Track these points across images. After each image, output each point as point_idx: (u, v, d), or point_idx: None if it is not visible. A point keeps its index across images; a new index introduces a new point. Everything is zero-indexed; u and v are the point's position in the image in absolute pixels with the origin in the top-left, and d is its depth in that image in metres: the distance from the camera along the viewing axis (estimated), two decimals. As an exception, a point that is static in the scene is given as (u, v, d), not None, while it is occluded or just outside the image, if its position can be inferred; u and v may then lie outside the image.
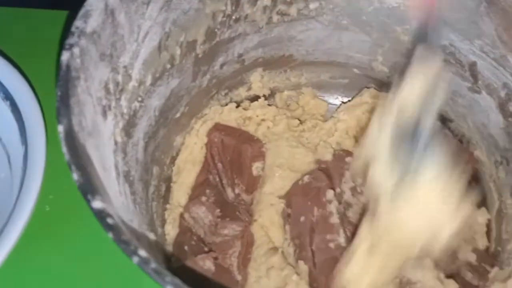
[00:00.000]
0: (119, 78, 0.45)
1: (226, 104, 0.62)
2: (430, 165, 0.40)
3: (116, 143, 0.44)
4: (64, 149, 0.33)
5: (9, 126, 0.57)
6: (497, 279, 0.49)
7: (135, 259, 0.30)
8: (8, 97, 0.58)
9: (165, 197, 0.56)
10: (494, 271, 0.51)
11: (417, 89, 0.40)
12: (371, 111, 0.63)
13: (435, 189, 0.40)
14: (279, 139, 0.61)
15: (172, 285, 0.29)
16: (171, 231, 0.54)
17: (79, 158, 0.33)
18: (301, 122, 0.64)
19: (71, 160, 0.33)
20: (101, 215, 0.31)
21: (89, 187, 0.32)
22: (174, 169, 0.57)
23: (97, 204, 0.31)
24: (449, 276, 0.52)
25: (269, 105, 0.63)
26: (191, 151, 0.58)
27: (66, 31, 0.39)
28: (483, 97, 0.56)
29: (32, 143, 0.55)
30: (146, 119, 0.51)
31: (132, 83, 0.47)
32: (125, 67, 0.45)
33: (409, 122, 0.40)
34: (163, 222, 0.55)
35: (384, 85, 0.64)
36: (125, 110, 0.46)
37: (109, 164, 0.41)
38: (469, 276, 0.52)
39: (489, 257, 0.54)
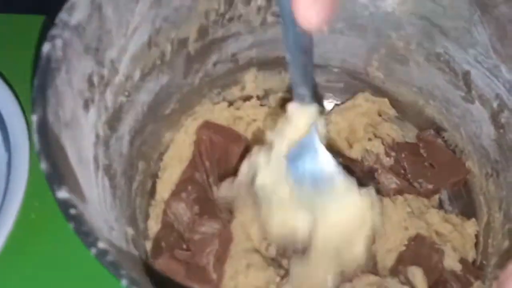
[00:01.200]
0: (105, 71, 0.45)
1: (218, 103, 0.62)
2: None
3: (97, 136, 0.44)
4: (36, 138, 0.33)
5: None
6: (477, 293, 0.48)
7: (93, 251, 0.30)
8: None
9: (151, 193, 0.56)
10: (476, 284, 0.50)
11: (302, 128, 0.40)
12: (364, 114, 0.62)
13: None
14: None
15: (127, 279, 0.29)
16: (154, 227, 0.54)
17: (50, 148, 0.34)
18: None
19: (41, 150, 0.33)
20: (64, 205, 0.31)
21: (56, 177, 0.32)
22: (161, 165, 0.57)
23: (62, 194, 0.32)
24: (434, 284, 0.52)
25: (261, 105, 0.63)
26: (179, 148, 0.58)
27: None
28: (476, 107, 0.55)
29: (16, 149, 0.55)
30: (133, 114, 0.51)
31: (119, 77, 0.47)
32: (111, 61, 0.45)
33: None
34: (147, 218, 0.54)
35: (379, 91, 0.64)
36: (109, 104, 0.46)
37: (88, 156, 0.41)
38: (453, 286, 0.52)
39: (475, 270, 0.54)
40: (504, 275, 0.29)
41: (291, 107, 0.40)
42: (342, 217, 0.39)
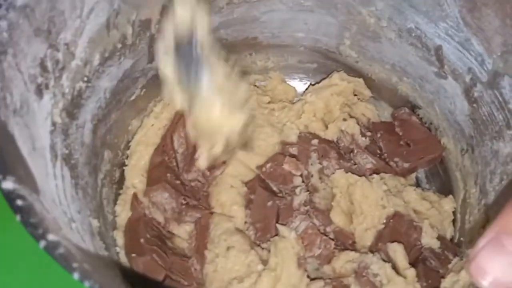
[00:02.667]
0: (59, 55, 0.43)
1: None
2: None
3: (54, 124, 0.42)
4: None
5: None
6: (453, 270, 0.47)
7: (42, 243, 0.28)
8: None
9: (119, 183, 0.54)
10: (454, 261, 0.49)
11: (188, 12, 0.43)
12: (340, 93, 0.61)
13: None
14: None
15: (79, 272, 0.27)
16: (121, 213, 0.52)
17: (-6, 136, 0.31)
18: (272, 101, 0.62)
19: (-16, 138, 0.31)
20: (10, 196, 0.29)
21: (1, 166, 0.30)
22: (127, 152, 0.55)
23: (7, 184, 0.30)
24: (414, 261, 0.51)
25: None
26: (146, 133, 0.56)
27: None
28: (449, 82, 0.54)
29: None
30: (94, 100, 0.49)
31: (76, 62, 0.45)
32: (66, 44, 0.43)
33: (185, 39, 0.43)
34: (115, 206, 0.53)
35: (352, 70, 0.62)
36: (67, 90, 0.44)
37: (43, 145, 0.39)
38: (432, 263, 0.51)
39: (453, 246, 0.53)
40: (473, 252, 0.28)
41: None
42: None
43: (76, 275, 0.28)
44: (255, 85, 0.64)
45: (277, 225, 0.52)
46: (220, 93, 0.44)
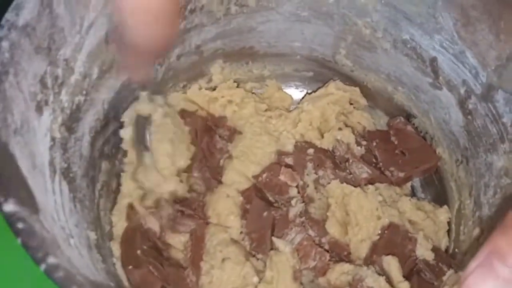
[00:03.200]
0: (59, 71, 0.43)
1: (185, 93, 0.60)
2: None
3: (53, 139, 0.42)
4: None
5: None
6: (448, 283, 0.48)
7: (42, 267, 0.29)
8: None
9: (116, 192, 0.55)
10: (448, 273, 0.50)
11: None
12: (336, 102, 0.61)
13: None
14: (245, 124, 0.59)
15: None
16: (117, 223, 0.52)
17: (-5, 158, 0.32)
18: (269, 108, 0.63)
19: (-15, 161, 0.31)
20: (11, 219, 0.30)
21: (2, 189, 0.31)
22: (125, 160, 0.56)
23: (9, 207, 0.30)
24: (408, 273, 0.51)
25: (238, 87, 0.62)
26: None
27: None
28: (444, 93, 0.54)
29: None
30: (92, 113, 0.49)
31: (75, 77, 0.45)
32: (65, 60, 0.44)
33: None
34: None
35: (348, 79, 0.63)
36: (66, 104, 0.44)
37: (43, 162, 0.40)
38: (426, 275, 0.52)
39: (447, 258, 0.54)
40: (464, 274, 0.29)
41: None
42: None
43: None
44: (252, 92, 0.65)
45: (273, 238, 0.53)
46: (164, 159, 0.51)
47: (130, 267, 0.48)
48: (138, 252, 0.50)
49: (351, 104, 0.63)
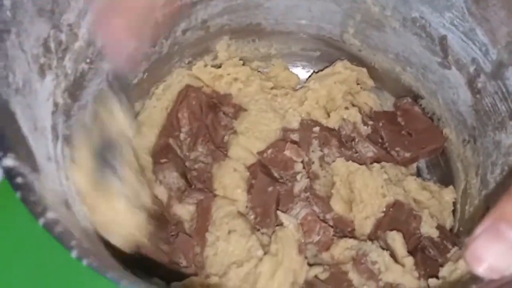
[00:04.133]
0: (63, 36, 0.42)
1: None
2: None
3: (56, 104, 0.42)
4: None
5: None
6: (452, 259, 0.47)
7: (41, 221, 0.28)
8: None
9: (120, 165, 0.54)
10: (453, 250, 0.50)
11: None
12: (343, 82, 0.60)
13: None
14: (250, 101, 0.59)
15: (77, 250, 0.28)
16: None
17: (-4, 113, 0.32)
18: (275, 87, 0.62)
19: (-14, 115, 0.31)
20: (10, 174, 0.29)
21: (2, 144, 0.30)
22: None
23: (8, 161, 0.30)
24: (412, 250, 0.51)
25: (243, 64, 0.61)
26: (149, 114, 0.56)
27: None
28: (452, 72, 0.53)
29: None
30: (97, 82, 0.48)
31: (79, 43, 0.45)
32: (69, 25, 0.43)
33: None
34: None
35: (355, 59, 0.62)
36: (69, 71, 0.44)
37: (44, 126, 0.39)
38: (431, 252, 0.51)
39: (452, 236, 0.53)
40: (470, 240, 0.28)
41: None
42: None
43: (74, 253, 0.28)
44: (258, 71, 0.64)
45: (278, 212, 0.52)
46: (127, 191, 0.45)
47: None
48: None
49: (358, 84, 0.63)
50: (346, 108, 0.59)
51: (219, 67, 0.61)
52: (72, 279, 0.53)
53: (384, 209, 0.53)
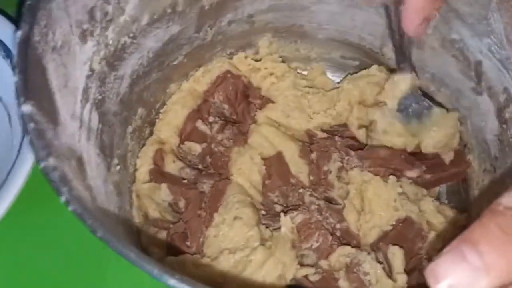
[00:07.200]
0: (109, 8, 0.46)
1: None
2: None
3: (92, 70, 0.45)
4: (15, 51, 0.35)
5: (10, 85, 0.55)
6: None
7: (42, 164, 0.31)
8: (9, 55, 0.57)
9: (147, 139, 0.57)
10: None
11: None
12: (376, 84, 0.61)
13: None
14: (279, 95, 0.60)
15: (66, 195, 0.30)
16: (141, 167, 0.54)
17: (27, 63, 0.35)
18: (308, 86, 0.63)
19: (17, 63, 0.34)
20: (25, 118, 0.32)
21: (25, 90, 0.34)
22: (163, 109, 0.58)
23: (26, 108, 0.33)
24: (411, 269, 0.51)
25: (282, 62, 0.63)
26: (184, 96, 0.59)
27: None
28: (484, 99, 0.53)
29: None
30: (137, 57, 0.52)
31: (124, 17, 0.48)
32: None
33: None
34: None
35: (393, 71, 0.62)
36: (110, 42, 0.47)
37: (76, 86, 0.43)
38: None
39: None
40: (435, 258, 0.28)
41: (398, 76, 0.57)
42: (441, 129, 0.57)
43: (62, 199, 0.30)
44: (298, 72, 0.65)
45: (281, 214, 0.53)
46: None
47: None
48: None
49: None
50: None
51: (258, 61, 0.63)
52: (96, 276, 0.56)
53: (394, 223, 0.53)
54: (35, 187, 0.48)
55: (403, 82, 0.57)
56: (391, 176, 0.55)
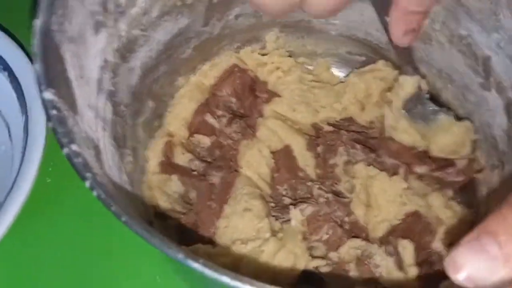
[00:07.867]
0: (122, 0, 0.46)
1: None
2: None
3: (105, 60, 0.45)
4: (34, 40, 0.34)
5: (8, 97, 0.56)
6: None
7: (65, 150, 0.31)
8: (6, 68, 0.57)
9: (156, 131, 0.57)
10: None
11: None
12: (382, 78, 0.61)
13: None
14: (285, 89, 0.60)
15: (90, 181, 0.30)
16: (151, 159, 0.54)
17: (47, 52, 0.35)
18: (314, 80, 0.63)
19: (38, 52, 0.34)
20: (47, 105, 0.32)
21: (46, 78, 0.34)
22: (171, 102, 0.58)
23: (47, 94, 0.33)
24: (420, 263, 0.51)
25: (289, 56, 0.63)
26: (192, 89, 0.59)
27: None
28: (492, 95, 0.53)
29: (32, 112, 0.54)
30: (146, 49, 0.52)
31: (136, 10, 0.48)
32: (129, -9, 0.46)
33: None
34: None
35: (399, 68, 0.63)
36: (123, 33, 0.47)
37: (91, 76, 0.43)
38: (439, 266, 0.51)
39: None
40: (452, 249, 0.29)
41: (403, 78, 0.58)
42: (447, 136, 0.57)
43: (87, 183, 0.31)
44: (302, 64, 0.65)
45: (291, 206, 0.54)
46: None
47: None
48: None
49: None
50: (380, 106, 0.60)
51: (265, 55, 0.63)
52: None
53: (403, 217, 0.54)
54: (37, 202, 0.50)
55: (406, 84, 0.57)
56: (398, 173, 0.55)
